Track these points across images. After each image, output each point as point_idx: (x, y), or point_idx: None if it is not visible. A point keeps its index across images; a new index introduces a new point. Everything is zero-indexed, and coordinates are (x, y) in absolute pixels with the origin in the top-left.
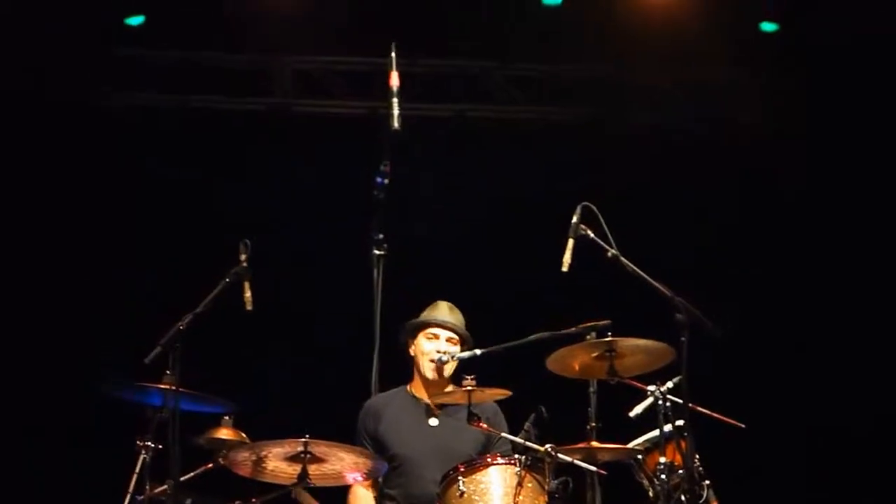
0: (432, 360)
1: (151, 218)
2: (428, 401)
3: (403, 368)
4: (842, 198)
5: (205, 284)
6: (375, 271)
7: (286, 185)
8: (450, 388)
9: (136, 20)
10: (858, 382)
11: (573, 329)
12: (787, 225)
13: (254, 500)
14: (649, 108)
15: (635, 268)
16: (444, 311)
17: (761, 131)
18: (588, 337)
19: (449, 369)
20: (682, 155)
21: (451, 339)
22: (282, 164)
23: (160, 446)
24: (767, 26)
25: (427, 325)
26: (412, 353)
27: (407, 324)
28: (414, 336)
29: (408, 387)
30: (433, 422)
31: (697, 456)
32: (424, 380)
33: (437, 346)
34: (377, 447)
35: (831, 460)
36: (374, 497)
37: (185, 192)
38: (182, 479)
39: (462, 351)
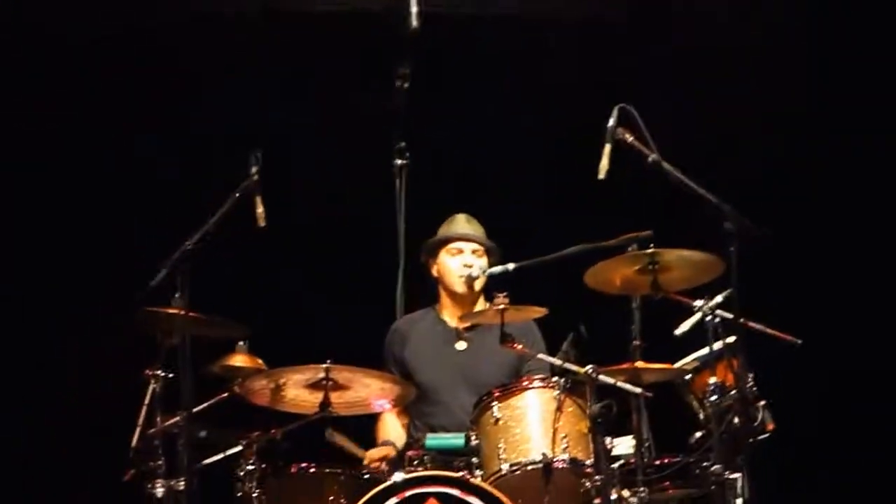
0: (461, 276)
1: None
2: (456, 323)
3: (431, 286)
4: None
5: (211, 200)
6: (398, 182)
7: (295, 90)
8: (480, 305)
9: None
10: None
11: (613, 241)
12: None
13: (273, 430)
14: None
15: (678, 173)
16: (462, 223)
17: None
18: (629, 249)
19: (479, 284)
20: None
21: (476, 251)
22: (287, 67)
23: (171, 375)
24: None
25: (448, 240)
26: (435, 273)
27: (425, 243)
28: (435, 255)
29: (435, 307)
30: (460, 345)
31: (751, 375)
32: (453, 298)
33: (463, 259)
34: (403, 373)
35: None
36: (404, 426)
37: (182, 99)
38: (195, 409)
39: (489, 263)
